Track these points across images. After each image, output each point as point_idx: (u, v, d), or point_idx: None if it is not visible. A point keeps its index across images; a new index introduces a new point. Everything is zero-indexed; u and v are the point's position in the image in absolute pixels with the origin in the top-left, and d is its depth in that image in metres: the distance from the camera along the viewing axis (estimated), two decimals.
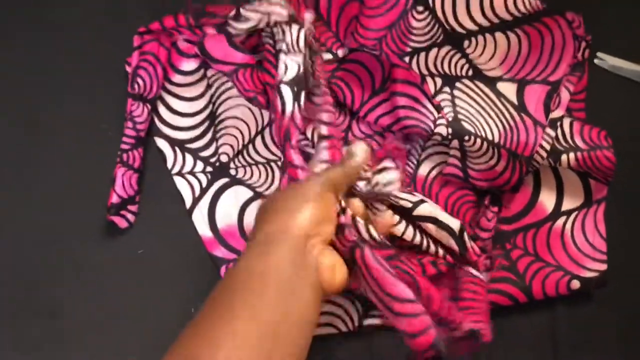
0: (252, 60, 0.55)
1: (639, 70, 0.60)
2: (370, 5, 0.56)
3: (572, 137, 0.56)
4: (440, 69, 0.58)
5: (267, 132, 0.59)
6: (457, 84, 0.58)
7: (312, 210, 0.42)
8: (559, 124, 0.56)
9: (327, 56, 0.57)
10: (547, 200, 0.58)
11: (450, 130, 0.54)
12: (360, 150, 0.50)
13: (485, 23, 0.57)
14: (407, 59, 0.58)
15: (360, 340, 0.57)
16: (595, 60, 0.60)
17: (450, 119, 0.55)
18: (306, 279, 0.40)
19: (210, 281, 0.57)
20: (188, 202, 0.59)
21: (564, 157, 0.54)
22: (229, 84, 0.59)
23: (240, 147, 0.59)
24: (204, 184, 0.59)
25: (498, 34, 0.57)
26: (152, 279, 0.58)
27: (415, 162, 0.59)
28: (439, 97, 0.57)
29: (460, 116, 0.55)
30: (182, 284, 0.57)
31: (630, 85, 0.60)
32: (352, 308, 0.56)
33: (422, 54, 0.58)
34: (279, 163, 0.59)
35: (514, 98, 0.57)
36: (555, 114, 0.56)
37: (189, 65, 0.58)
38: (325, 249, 0.42)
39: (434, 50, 0.58)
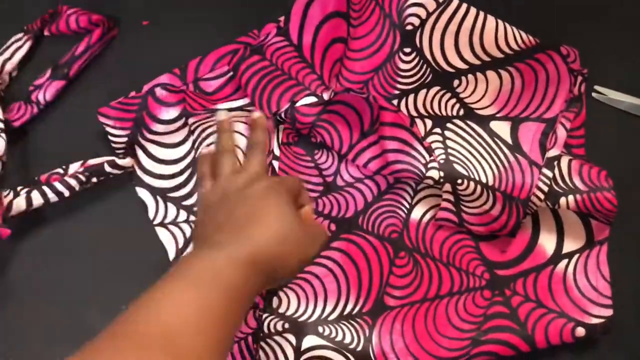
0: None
1: (638, 104, 0.58)
2: (355, 48, 0.54)
3: (570, 178, 0.53)
4: (430, 109, 0.56)
5: None
6: (448, 125, 0.55)
7: (276, 226, 0.40)
8: (556, 163, 0.53)
9: (311, 99, 0.55)
10: (547, 242, 0.55)
11: (442, 173, 0.52)
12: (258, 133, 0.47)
13: (475, 61, 0.55)
14: (395, 101, 0.55)
15: None
16: (593, 94, 0.58)
17: (442, 162, 0.52)
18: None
19: None
20: (171, 254, 0.56)
21: (562, 199, 0.52)
22: (212, 129, 0.57)
23: None
24: (188, 234, 0.56)
25: (489, 72, 0.55)
26: None
27: (408, 206, 0.56)
28: (429, 139, 0.54)
29: (452, 158, 0.53)
30: None
31: (630, 119, 0.58)
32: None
33: (411, 96, 0.56)
34: None
35: (507, 137, 0.54)
36: (552, 152, 0.53)
37: (168, 114, 0.56)
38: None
39: (423, 91, 0.56)
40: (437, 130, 0.55)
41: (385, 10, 0.55)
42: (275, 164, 0.55)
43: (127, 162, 0.56)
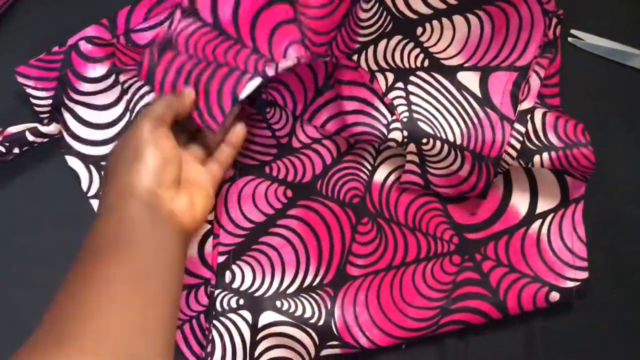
0: None
1: (617, 49, 0.53)
2: (314, 3, 0.46)
3: (545, 134, 0.49)
4: (391, 62, 0.50)
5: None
6: (412, 78, 0.50)
7: (150, 158, 0.40)
8: (529, 117, 0.48)
9: (256, 82, 0.44)
10: (519, 202, 0.51)
11: (405, 133, 0.47)
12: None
13: (440, 5, 0.49)
14: (355, 56, 0.49)
15: None
16: (569, 39, 0.53)
17: (405, 120, 0.47)
18: (164, 235, 0.39)
19: None
20: None
21: (536, 157, 0.48)
22: (147, 88, 0.50)
23: None
24: None
25: (456, 17, 0.50)
26: None
27: (370, 168, 0.51)
28: (391, 95, 0.49)
29: (416, 116, 0.48)
30: None
31: (608, 65, 0.53)
32: (308, 339, 0.49)
33: (371, 48, 0.50)
34: None
35: (477, 89, 0.49)
36: (525, 105, 0.49)
37: (95, 71, 0.49)
38: (177, 190, 0.41)
39: (383, 42, 0.50)
40: (400, 84, 0.50)
41: None
42: None
43: (52, 129, 0.49)
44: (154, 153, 0.40)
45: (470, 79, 0.50)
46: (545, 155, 0.47)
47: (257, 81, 0.43)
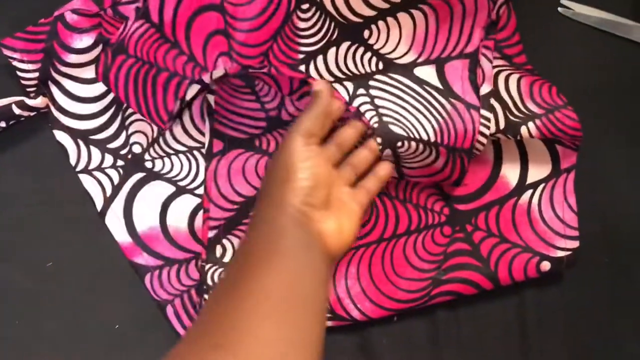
0: None
1: (607, 19, 0.53)
2: (243, 16, 0.44)
3: (524, 104, 0.48)
4: (345, 70, 0.50)
5: (185, 115, 0.50)
6: (371, 83, 0.49)
7: (302, 179, 0.40)
8: (505, 89, 0.48)
9: (195, 89, 0.46)
10: (510, 173, 0.51)
11: (379, 140, 0.46)
12: (322, 85, 0.43)
13: (383, 5, 0.48)
14: (302, 67, 0.48)
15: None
16: (559, 9, 0.53)
17: (375, 126, 0.46)
18: (313, 253, 0.39)
19: (132, 294, 0.50)
20: (99, 204, 0.50)
21: (523, 129, 0.47)
22: None
23: (155, 134, 0.50)
24: (116, 181, 0.50)
25: (400, 15, 0.49)
26: (66, 295, 0.50)
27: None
28: (356, 103, 0.48)
29: (386, 119, 0.47)
30: (101, 299, 0.50)
31: (599, 36, 0.53)
32: None
33: (320, 58, 0.49)
34: (202, 150, 0.50)
35: (436, 82, 0.49)
36: (485, 89, 0.48)
37: (82, 42, 0.48)
38: (326, 212, 0.41)
39: (332, 50, 0.49)
40: (362, 91, 0.48)
41: None
42: (211, 98, 0.49)
43: (39, 102, 0.49)
44: (306, 174, 0.40)
45: (427, 73, 0.49)
46: (530, 124, 0.47)
47: (195, 87, 0.45)
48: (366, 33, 0.49)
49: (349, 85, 0.48)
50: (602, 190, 0.53)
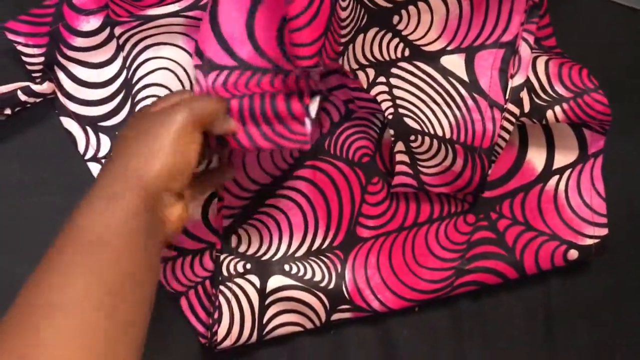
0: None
1: None
2: (293, 13, 0.38)
3: (551, 86, 0.46)
4: (370, 57, 0.47)
5: None
6: (394, 70, 0.47)
7: (170, 160, 0.36)
8: (532, 73, 0.46)
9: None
10: (536, 158, 0.49)
11: (392, 132, 0.44)
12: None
13: None
14: (340, 60, 0.46)
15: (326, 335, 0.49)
16: None
17: (390, 117, 0.44)
18: (154, 238, 0.36)
19: None
20: None
21: (549, 113, 0.45)
22: (145, 43, 0.48)
23: None
24: None
25: None
26: None
27: (380, 125, 0.49)
28: (373, 92, 0.46)
29: (401, 111, 0.45)
30: None
31: (624, 12, 0.51)
32: (319, 303, 0.48)
33: (350, 47, 0.46)
34: None
35: (463, 73, 0.47)
36: (517, 80, 0.46)
37: (89, 24, 0.46)
38: (175, 201, 0.38)
39: (360, 37, 0.46)
40: (382, 79, 0.46)
41: None
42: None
43: (45, 87, 0.47)
44: (178, 158, 0.37)
45: (455, 63, 0.47)
46: (557, 108, 0.45)
47: (317, 99, 0.41)
48: (395, 19, 0.47)
49: (370, 72, 0.46)
50: (629, 176, 0.51)
